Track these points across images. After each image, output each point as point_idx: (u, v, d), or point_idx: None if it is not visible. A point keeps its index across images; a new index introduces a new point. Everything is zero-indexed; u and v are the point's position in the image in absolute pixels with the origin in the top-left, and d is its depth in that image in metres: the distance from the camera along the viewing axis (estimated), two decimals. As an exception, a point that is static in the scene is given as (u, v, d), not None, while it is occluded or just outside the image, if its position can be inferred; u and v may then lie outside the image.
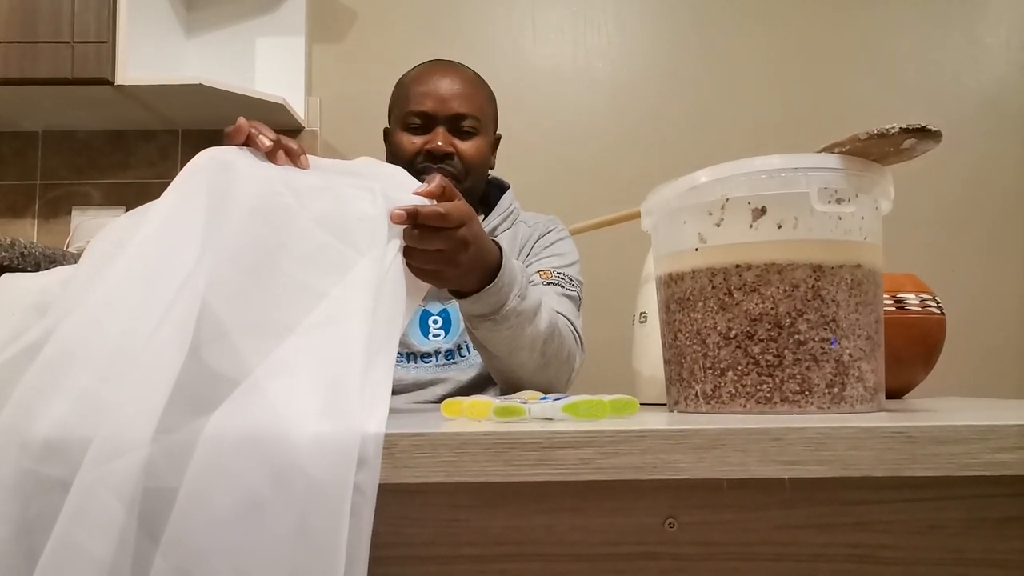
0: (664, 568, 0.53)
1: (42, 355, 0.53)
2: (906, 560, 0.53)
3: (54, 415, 0.50)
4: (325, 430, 0.50)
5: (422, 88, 1.21)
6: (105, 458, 0.48)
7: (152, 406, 0.50)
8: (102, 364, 0.52)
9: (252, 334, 0.57)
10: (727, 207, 0.67)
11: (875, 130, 0.64)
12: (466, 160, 1.20)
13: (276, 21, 2.01)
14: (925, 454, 0.50)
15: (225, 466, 0.49)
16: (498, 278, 0.85)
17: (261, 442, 0.49)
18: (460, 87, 1.21)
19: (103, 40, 1.70)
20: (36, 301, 0.63)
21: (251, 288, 0.58)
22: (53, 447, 0.50)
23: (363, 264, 0.62)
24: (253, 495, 0.48)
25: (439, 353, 1.19)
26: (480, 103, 1.23)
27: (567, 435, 0.51)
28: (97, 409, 0.50)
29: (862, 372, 0.66)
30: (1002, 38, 2.06)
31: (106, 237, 0.63)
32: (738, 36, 2.06)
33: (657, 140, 2.02)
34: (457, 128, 1.20)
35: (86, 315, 0.55)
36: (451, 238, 0.74)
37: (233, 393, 0.53)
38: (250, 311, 0.58)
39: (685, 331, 0.69)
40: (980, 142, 2.00)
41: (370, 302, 0.60)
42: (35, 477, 0.49)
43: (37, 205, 2.06)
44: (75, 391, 0.51)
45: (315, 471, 0.48)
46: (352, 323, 0.58)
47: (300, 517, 0.48)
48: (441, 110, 1.19)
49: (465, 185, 1.19)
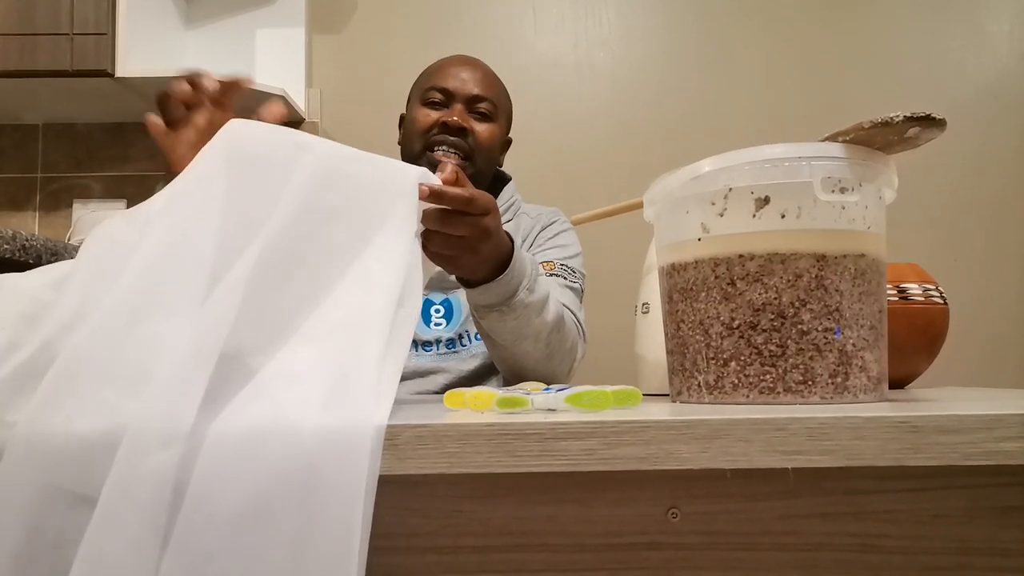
0: (667, 558, 0.54)
1: (57, 364, 0.51)
2: (909, 550, 0.53)
3: (72, 428, 0.49)
4: (334, 426, 0.49)
5: (445, 69, 1.26)
6: (135, 461, 0.47)
7: (182, 408, 0.49)
8: (118, 372, 0.51)
9: (265, 331, 0.55)
10: (730, 196, 0.66)
11: (879, 119, 0.63)
12: (478, 140, 1.23)
13: (276, 12, 2.00)
14: (928, 444, 0.50)
15: (232, 466, 0.48)
16: (508, 269, 0.86)
17: (268, 440, 0.48)
18: (482, 75, 1.27)
19: (102, 32, 1.70)
20: (25, 311, 0.59)
21: (273, 284, 0.57)
22: (73, 460, 0.48)
23: (386, 258, 0.60)
24: (262, 494, 0.47)
25: (440, 342, 1.19)
26: (498, 93, 1.28)
27: (570, 426, 0.51)
28: (116, 420, 0.49)
29: (865, 362, 0.65)
30: (1005, 27, 2.05)
31: (99, 238, 0.61)
32: (740, 26, 2.05)
33: (659, 130, 2.01)
34: (474, 110, 1.24)
35: (98, 323, 0.53)
36: (475, 225, 0.74)
37: (241, 392, 0.52)
38: (266, 309, 0.56)
39: (688, 321, 0.69)
40: (983, 131, 1.99)
41: (390, 303, 0.58)
42: (54, 492, 0.48)
43: (38, 198, 2.06)
44: (92, 401, 0.50)
45: (326, 468, 0.48)
46: (370, 324, 0.56)
47: (310, 515, 0.47)
48: (461, 89, 1.24)
49: (474, 167, 1.21)
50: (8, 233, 0.85)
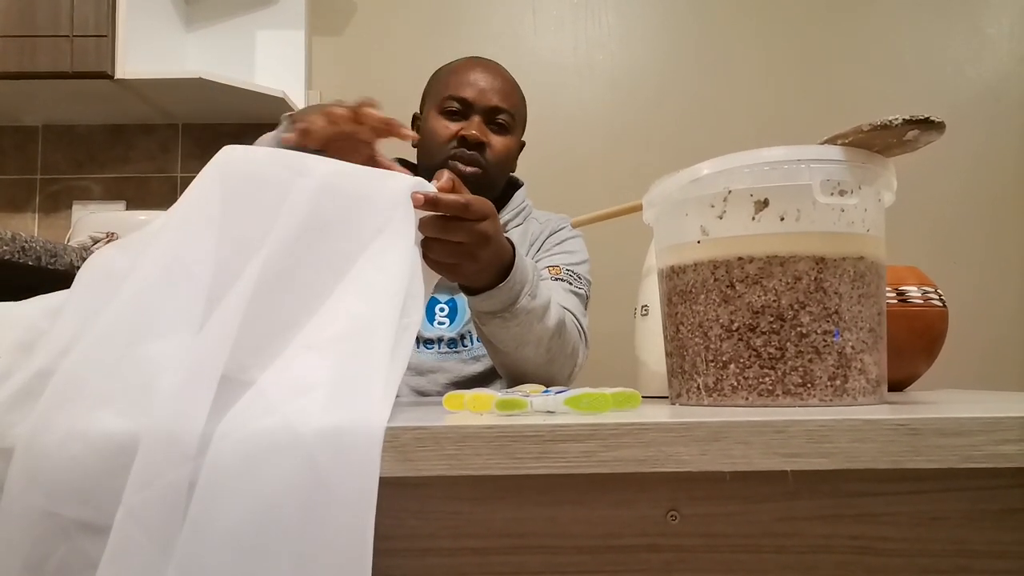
0: (666, 560, 0.54)
1: (50, 387, 0.51)
2: (908, 552, 0.53)
3: (70, 452, 0.48)
4: (340, 434, 0.49)
5: (464, 76, 1.23)
6: (144, 486, 0.46)
7: (189, 428, 0.48)
8: (113, 393, 0.50)
9: (267, 347, 0.55)
10: (729, 199, 0.66)
11: (878, 121, 0.63)
12: (495, 153, 1.21)
13: (276, 14, 2.00)
14: (927, 446, 0.50)
15: (239, 481, 0.47)
16: (510, 276, 0.86)
17: (274, 454, 0.48)
18: (500, 83, 1.24)
19: (103, 34, 1.70)
20: (21, 339, 0.58)
21: (273, 301, 0.56)
22: (72, 486, 0.48)
23: (387, 268, 0.60)
24: (270, 508, 0.47)
25: (441, 341, 1.19)
26: (516, 102, 1.26)
27: (569, 428, 0.51)
28: (115, 442, 0.48)
29: (864, 364, 0.65)
30: (1004, 29, 2.05)
31: (94, 267, 0.60)
32: (739, 28, 2.06)
33: (658, 132, 2.01)
34: (492, 121, 1.22)
35: (90, 345, 0.52)
36: (473, 231, 0.74)
37: (245, 405, 0.51)
38: (268, 325, 0.56)
39: (687, 324, 0.69)
40: (982, 134, 2.00)
41: (393, 312, 0.58)
42: (55, 521, 0.47)
43: (38, 199, 2.06)
44: (87, 424, 0.49)
45: (333, 479, 0.47)
46: (373, 333, 0.56)
47: (320, 526, 0.47)
48: (480, 100, 1.21)
49: (488, 178, 1.21)
50: (7, 235, 0.85)
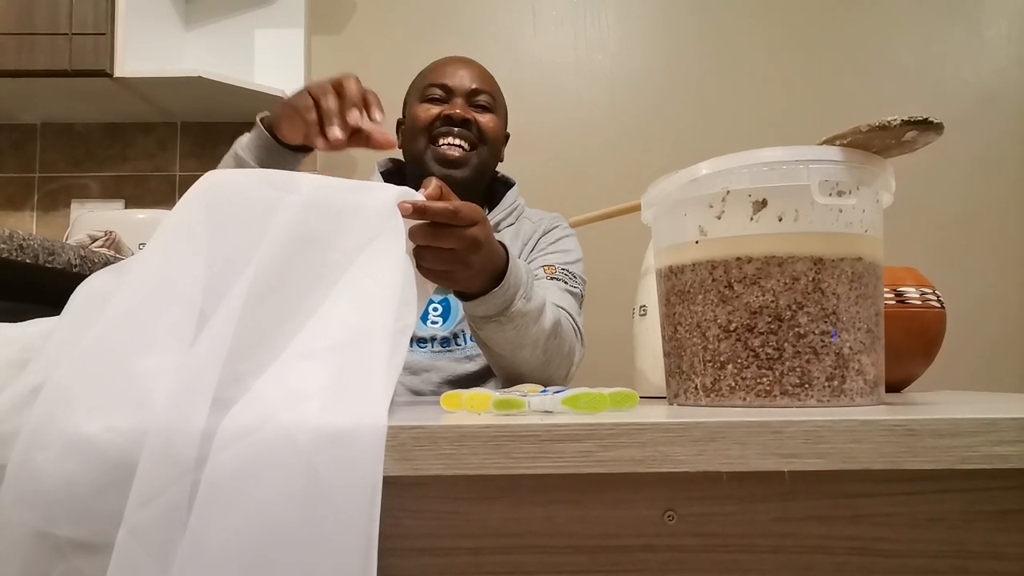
0: (663, 560, 0.53)
1: (39, 402, 0.50)
2: (905, 553, 0.53)
3: (62, 469, 0.47)
4: (339, 436, 0.48)
5: (441, 68, 1.29)
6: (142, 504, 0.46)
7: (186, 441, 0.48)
8: (102, 407, 0.50)
9: (260, 359, 0.55)
10: (728, 199, 0.66)
11: (876, 122, 0.63)
12: (483, 129, 1.24)
13: (275, 13, 2.00)
14: (925, 447, 0.50)
15: (237, 492, 0.47)
16: (504, 280, 0.86)
17: (273, 462, 0.47)
18: (478, 70, 1.30)
19: (101, 32, 1.70)
20: (16, 357, 0.58)
21: (265, 314, 0.56)
22: (64, 505, 0.47)
23: (379, 275, 0.60)
24: (268, 515, 0.46)
25: (435, 340, 1.19)
26: (494, 88, 1.31)
27: (566, 428, 0.51)
28: (108, 458, 0.48)
29: (862, 365, 0.65)
30: (1003, 31, 2.05)
31: (85, 290, 0.60)
32: (739, 29, 2.06)
33: (657, 132, 2.02)
34: (474, 103, 1.26)
35: (76, 360, 0.52)
36: (463, 237, 0.74)
37: (241, 413, 0.50)
38: (261, 338, 0.55)
39: (685, 324, 0.69)
40: (981, 135, 2.00)
41: (388, 318, 0.58)
42: (49, 541, 0.47)
43: (36, 198, 2.06)
44: (76, 439, 0.48)
45: (333, 483, 0.47)
46: (369, 340, 0.55)
47: (322, 533, 0.46)
48: (459, 85, 1.26)
49: (480, 156, 1.23)
50: (5, 232, 0.85)
